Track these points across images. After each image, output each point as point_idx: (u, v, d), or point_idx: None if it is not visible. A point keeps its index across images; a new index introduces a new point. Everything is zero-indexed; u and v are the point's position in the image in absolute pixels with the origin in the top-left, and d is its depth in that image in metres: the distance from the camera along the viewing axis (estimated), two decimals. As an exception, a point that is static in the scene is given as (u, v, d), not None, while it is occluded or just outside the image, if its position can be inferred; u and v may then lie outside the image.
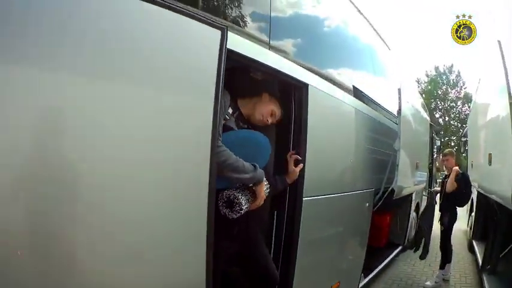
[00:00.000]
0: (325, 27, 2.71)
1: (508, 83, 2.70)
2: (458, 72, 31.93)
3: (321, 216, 2.32)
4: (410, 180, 3.99)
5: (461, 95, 31.08)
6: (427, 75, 33.13)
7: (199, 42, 1.27)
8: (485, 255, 4.23)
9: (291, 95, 2.02)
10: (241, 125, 1.79)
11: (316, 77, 2.18)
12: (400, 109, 3.38)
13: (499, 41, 3.12)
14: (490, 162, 3.43)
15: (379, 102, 3.80)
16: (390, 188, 3.32)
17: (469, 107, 20.87)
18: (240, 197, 1.49)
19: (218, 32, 1.28)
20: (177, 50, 1.21)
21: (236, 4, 1.65)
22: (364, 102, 3.16)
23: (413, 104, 4.40)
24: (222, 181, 1.46)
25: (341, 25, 3.04)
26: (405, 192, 3.89)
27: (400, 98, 3.42)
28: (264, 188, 1.63)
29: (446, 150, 5.56)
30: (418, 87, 32.14)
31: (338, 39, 2.96)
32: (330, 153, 2.41)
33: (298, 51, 2.11)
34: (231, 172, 1.48)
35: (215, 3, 1.61)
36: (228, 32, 1.32)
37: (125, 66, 1.07)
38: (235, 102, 1.77)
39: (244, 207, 1.49)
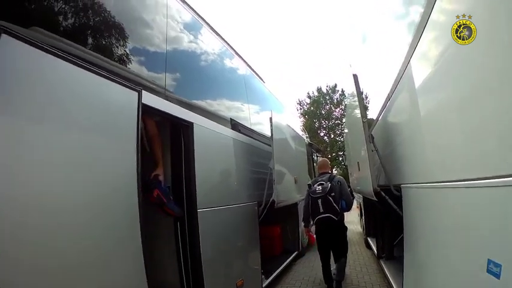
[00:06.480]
0: (209, 78, 3.65)
1: (361, 107, 3.39)
2: (342, 91, 32.58)
3: (215, 224, 3.07)
4: (288, 193, 4.92)
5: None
6: (310, 97, 34.59)
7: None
8: (378, 246, 5.30)
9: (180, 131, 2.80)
10: None
11: (200, 116, 3.01)
12: (272, 134, 4.19)
13: (355, 75, 3.66)
14: (359, 169, 4.25)
15: (255, 130, 4.79)
16: (271, 200, 4.12)
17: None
18: None
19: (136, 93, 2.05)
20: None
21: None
22: (240, 132, 4.07)
23: (287, 127, 5.45)
24: None
25: (223, 71, 4.09)
26: (285, 203, 4.68)
27: (271, 125, 4.24)
28: None
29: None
30: (301, 109, 34.43)
31: (220, 84, 3.96)
32: (216, 175, 3.26)
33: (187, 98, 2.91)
34: None
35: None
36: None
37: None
38: None
39: None
